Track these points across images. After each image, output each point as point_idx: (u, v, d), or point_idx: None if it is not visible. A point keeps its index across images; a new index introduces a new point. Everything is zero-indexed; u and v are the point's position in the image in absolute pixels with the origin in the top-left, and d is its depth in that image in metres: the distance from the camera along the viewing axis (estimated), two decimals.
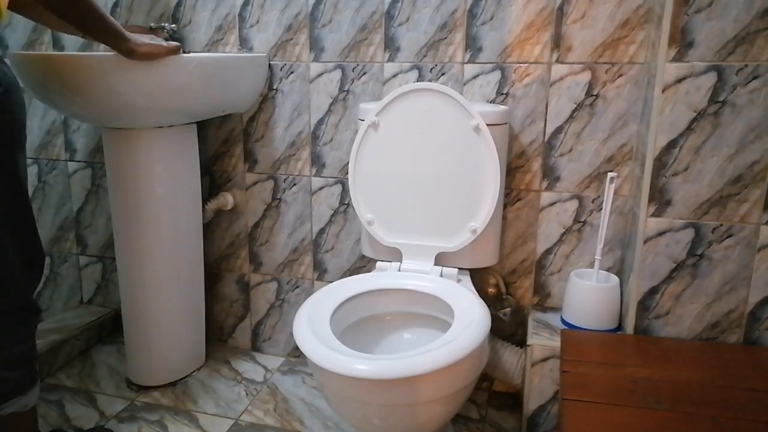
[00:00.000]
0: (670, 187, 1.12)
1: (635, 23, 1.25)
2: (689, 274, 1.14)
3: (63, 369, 1.62)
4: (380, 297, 1.23)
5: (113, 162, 1.42)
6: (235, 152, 1.60)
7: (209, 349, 1.68)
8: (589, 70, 1.30)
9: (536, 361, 1.26)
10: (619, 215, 1.35)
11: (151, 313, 1.48)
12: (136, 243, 1.44)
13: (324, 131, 1.51)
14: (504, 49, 1.34)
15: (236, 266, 1.68)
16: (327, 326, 1.05)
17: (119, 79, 1.19)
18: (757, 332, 1.13)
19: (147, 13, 1.57)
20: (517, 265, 1.46)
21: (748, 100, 1.05)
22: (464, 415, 1.42)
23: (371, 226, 1.34)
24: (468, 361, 0.99)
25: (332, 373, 0.92)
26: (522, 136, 1.38)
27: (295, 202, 1.58)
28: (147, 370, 1.53)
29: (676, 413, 0.90)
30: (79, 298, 1.86)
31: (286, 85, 1.51)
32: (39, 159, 1.77)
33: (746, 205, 1.09)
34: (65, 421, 1.39)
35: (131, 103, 1.23)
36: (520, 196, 1.41)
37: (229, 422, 1.39)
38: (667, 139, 1.10)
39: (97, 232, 1.79)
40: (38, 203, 1.81)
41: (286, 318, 1.67)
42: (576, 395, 0.95)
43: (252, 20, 1.49)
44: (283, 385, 1.55)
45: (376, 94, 1.45)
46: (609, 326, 1.25)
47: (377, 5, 1.40)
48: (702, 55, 1.05)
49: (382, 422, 0.99)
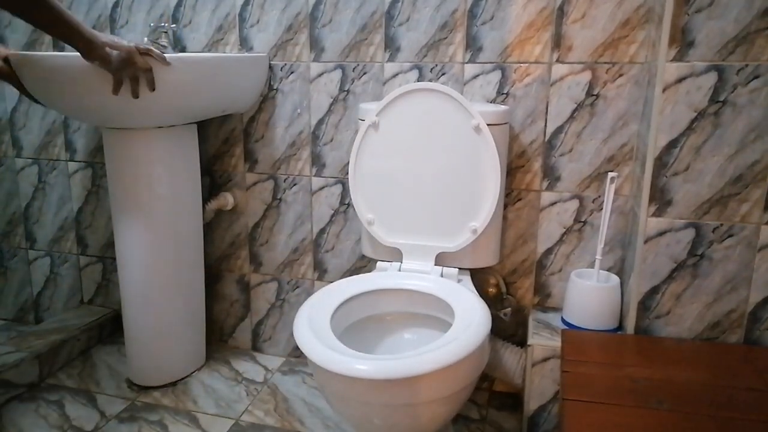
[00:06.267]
0: (670, 187, 1.12)
1: (636, 23, 1.25)
2: (690, 274, 1.14)
3: (63, 369, 1.62)
4: (381, 297, 1.23)
5: (113, 162, 1.42)
6: (235, 152, 1.60)
7: (209, 349, 1.68)
8: (590, 69, 1.30)
9: (537, 361, 1.26)
10: (620, 215, 1.35)
11: (152, 313, 1.48)
12: (136, 243, 1.44)
13: (324, 131, 1.51)
14: (504, 48, 1.34)
15: (236, 266, 1.68)
16: (327, 326, 1.05)
17: None
18: (757, 332, 1.13)
19: (147, 13, 1.57)
20: (517, 265, 1.46)
21: (749, 100, 1.05)
22: (465, 415, 1.42)
23: (371, 226, 1.34)
24: (468, 362, 0.98)
25: (333, 374, 0.92)
26: (522, 136, 1.38)
27: (295, 202, 1.58)
28: (147, 370, 1.53)
29: (676, 413, 0.90)
30: (79, 298, 1.86)
31: (287, 85, 1.51)
32: (39, 159, 1.77)
33: (747, 204, 1.09)
34: (65, 421, 1.39)
35: (131, 103, 1.23)
36: (520, 196, 1.41)
37: (230, 422, 1.39)
38: (668, 138, 1.10)
39: (97, 232, 1.79)
40: (38, 203, 1.81)
41: (286, 318, 1.67)
42: (577, 395, 0.95)
43: (252, 20, 1.49)
44: (283, 385, 1.55)
45: (377, 94, 1.45)
46: (609, 326, 1.25)
47: (377, 5, 1.40)
48: (702, 55, 1.05)
49: (382, 422, 0.99)
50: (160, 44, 1.47)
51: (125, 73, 1.18)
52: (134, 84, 1.20)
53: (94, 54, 1.14)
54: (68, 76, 1.22)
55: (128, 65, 1.16)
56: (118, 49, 1.15)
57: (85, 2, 1.60)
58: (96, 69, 1.17)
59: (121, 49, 1.15)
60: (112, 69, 1.16)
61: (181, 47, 1.57)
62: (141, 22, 1.57)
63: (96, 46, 1.13)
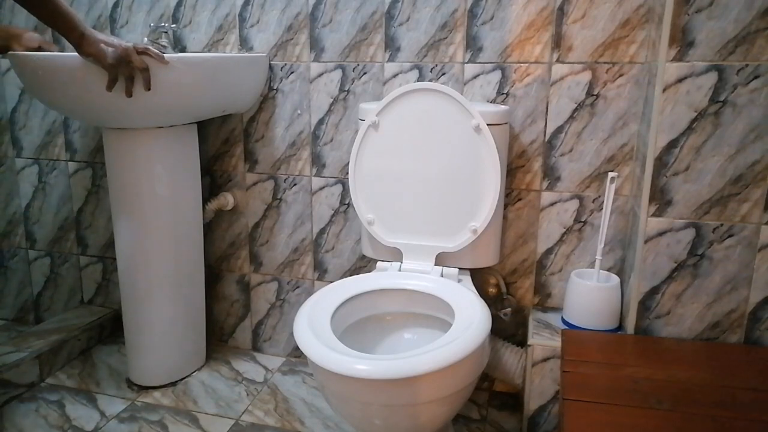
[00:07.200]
0: (670, 187, 1.12)
1: (636, 23, 1.25)
2: (690, 274, 1.14)
3: (63, 369, 1.62)
4: (381, 297, 1.23)
5: (113, 162, 1.42)
6: (235, 152, 1.60)
7: (209, 349, 1.68)
8: (590, 69, 1.30)
9: (537, 361, 1.26)
10: (620, 215, 1.35)
11: (152, 313, 1.48)
12: (136, 243, 1.44)
13: (324, 131, 1.51)
14: (504, 48, 1.34)
15: (237, 266, 1.68)
16: (327, 326, 1.05)
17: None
18: (757, 332, 1.13)
19: (147, 13, 1.57)
20: (517, 265, 1.46)
21: (749, 100, 1.05)
22: (465, 415, 1.42)
23: (372, 226, 1.34)
24: (469, 362, 0.98)
25: (333, 374, 0.92)
26: (522, 135, 1.38)
27: (295, 202, 1.58)
28: (147, 370, 1.53)
29: (676, 413, 0.90)
30: (79, 298, 1.86)
31: (287, 85, 1.51)
32: (39, 159, 1.77)
33: (747, 204, 1.09)
34: (66, 421, 1.39)
35: (131, 103, 1.23)
36: (520, 195, 1.41)
37: (230, 422, 1.39)
38: (668, 138, 1.10)
39: (97, 232, 1.79)
40: (38, 203, 1.81)
41: (286, 318, 1.67)
42: (577, 395, 0.95)
43: (252, 20, 1.49)
44: (283, 385, 1.55)
45: (377, 94, 1.45)
46: (610, 326, 1.25)
47: (377, 5, 1.40)
48: (702, 55, 1.05)
49: (382, 422, 0.99)
50: (160, 44, 1.47)
51: (121, 71, 1.17)
52: (129, 83, 1.19)
53: (89, 49, 1.14)
54: (68, 76, 1.22)
55: (124, 63, 1.16)
56: (114, 46, 1.15)
57: (85, 2, 1.60)
58: (96, 69, 1.17)
59: (117, 47, 1.15)
60: (106, 65, 1.15)
61: (181, 47, 1.57)
62: (141, 22, 1.57)
63: (91, 41, 1.13)
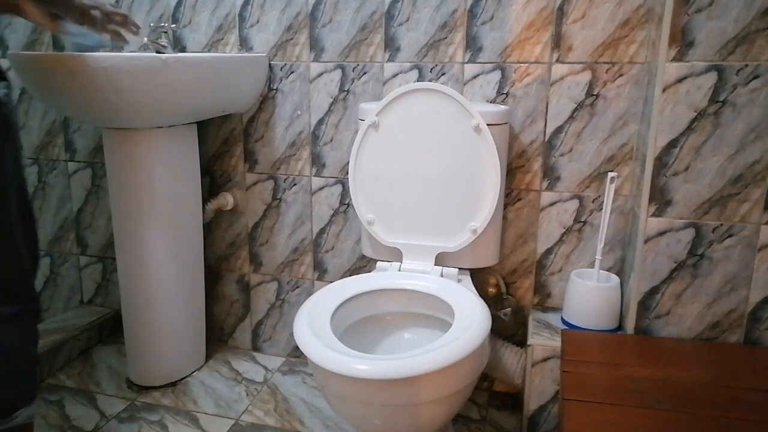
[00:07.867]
0: (670, 187, 1.12)
1: (635, 23, 1.25)
2: (690, 273, 1.14)
3: (63, 369, 1.61)
4: (381, 297, 1.23)
5: (113, 162, 1.42)
6: (235, 152, 1.60)
7: (209, 349, 1.68)
8: (590, 69, 1.30)
9: (537, 361, 1.26)
10: (620, 215, 1.35)
11: (152, 313, 1.48)
12: (136, 243, 1.44)
13: (324, 131, 1.51)
14: (504, 48, 1.34)
15: (236, 266, 1.68)
16: (327, 326, 1.05)
17: (119, 79, 1.19)
18: (757, 332, 1.13)
19: (147, 13, 1.57)
20: (517, 265, 1.46)
21: (749, 100, 1.05)
22: (465, 415, 1.42)
23: (371, 226, 1.34)
24: (468, 362, 0.98)
25: (332, 374, 0.92)
26: (522, 135, 1.38)
27: (295, 202, 1.58)
28: (147, 370, 1.53)
29: (676, 413, 0.90)
30: (79, 298, 1.86)
31: (286, 85, 1.51)
32: (39, 159, 1.77)
33: (747, 204, 1.09)
34: (65, 421, 1.39)
35: (131, 103, 1.23)
36: (520, 195, 1.41)
37: (230, 422, 1.39)
38: (668, 138, 1.10)
39: (97, 232, 1.79)
40: (38, 203, 1.81)
41: (286, 318, 1.67)
42: (576, 395, 0.95)
43: (252, 20, 1.49)
44: (283, 385, 1.55)
45: (377, 94, 1.45)
46: (609, 326, 1.25)
47: (377, 5, 1.40)
48: (702, 55, 1.05)
49: (382, 422, 0.99)
50: (160, 44, 1.47)
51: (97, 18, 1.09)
52: (117, 35, 1.14)
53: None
54: (68, 76, 1.22)
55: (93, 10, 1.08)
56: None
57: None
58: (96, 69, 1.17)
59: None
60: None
61: (181, 47, 1.57)
62: (141, 23, 1.57)
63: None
